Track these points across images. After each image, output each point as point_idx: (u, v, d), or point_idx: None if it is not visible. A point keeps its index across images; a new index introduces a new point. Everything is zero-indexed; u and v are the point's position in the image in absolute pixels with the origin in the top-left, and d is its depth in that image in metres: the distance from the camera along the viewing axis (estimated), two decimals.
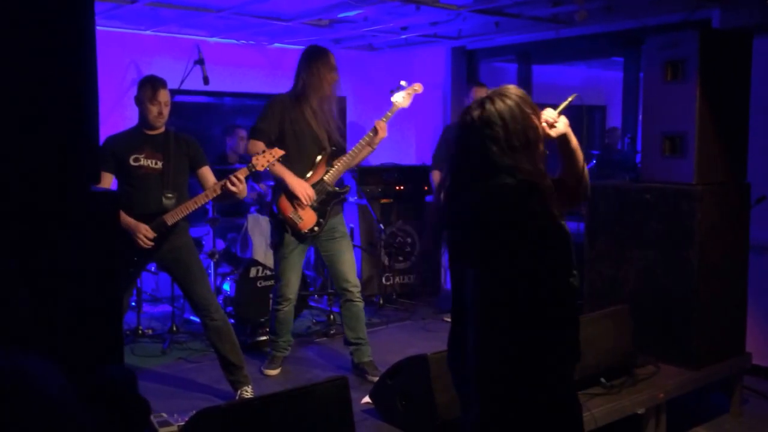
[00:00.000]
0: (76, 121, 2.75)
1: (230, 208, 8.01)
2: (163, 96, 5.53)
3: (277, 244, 6.31)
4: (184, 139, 5.73)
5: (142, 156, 5.51)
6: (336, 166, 6.21)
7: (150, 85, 5.51)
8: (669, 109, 5.94)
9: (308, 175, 6.17)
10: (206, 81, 7.62)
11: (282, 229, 6.18)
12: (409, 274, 9.02)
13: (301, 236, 6.18)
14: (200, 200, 5.54)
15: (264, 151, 5.62)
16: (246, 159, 8.51)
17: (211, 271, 7.49)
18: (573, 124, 3.43)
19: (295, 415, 4.39)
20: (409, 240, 9.03)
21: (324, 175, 6.20)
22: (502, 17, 7.91)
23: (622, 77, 8.66)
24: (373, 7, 7.42)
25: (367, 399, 5.44)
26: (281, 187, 6.13)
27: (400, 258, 9.01)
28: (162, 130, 5.61)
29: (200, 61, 7.67)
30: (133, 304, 7.53)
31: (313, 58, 6.17)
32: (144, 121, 5.56)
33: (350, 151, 6.23)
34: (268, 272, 7.36)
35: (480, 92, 7.43)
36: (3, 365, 1.38)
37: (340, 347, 7.13)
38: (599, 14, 7.53)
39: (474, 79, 9.31)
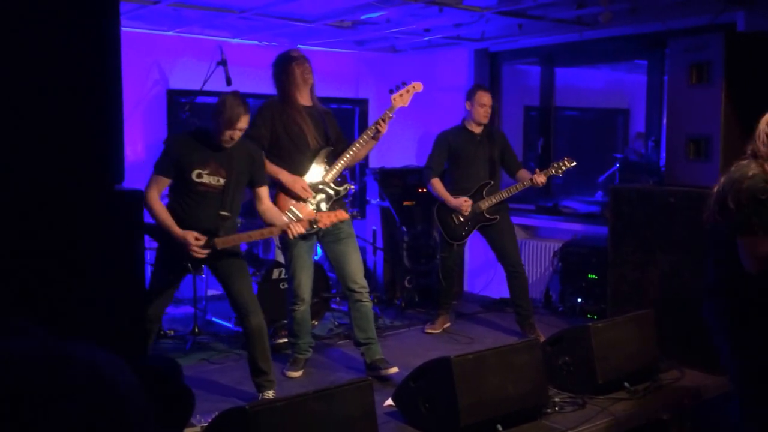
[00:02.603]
0: (101, 121, 2.75)
1: (252, 210, 8.00)
2: (243, 123, 5.34)
3: (283, 244, 6.33)
4: (249, 153, 5.61)
5: (206, 172, 5.38)
6: (336, 165, 6.20)
7: (232, 111, 5.25)
8: (694, 112, 5.91)
9: (307, 174, 6.18)
10: (229, 82, 7.62)
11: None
12: (431, 277, 8.98)
13: (302, 236, 6.11)
14: (254, 236, 5.62)
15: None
16: None
17: None
18: (595, 128, 3.42)
19: (318, 417, 4.38)
20: (431, 242, 9.00)
21: (322, 174, 6.20)
22: (525, 19, 7.89)
23: (645, 80, 8.62)
24: (396, 9, 7.41)
25: (390, 401, 5.43)
26: (278, 186, 6.12)
27: (422, 260, 8.97)
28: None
29: (223, 62, 7.67)
30: None
31: (282, 61, 6.31)
32: (214, 135, 5.37)
33: (349, 150, 6.21)
34: None
35: (484, 96, 7.38)
36: (79, 357, 1.37)
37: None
38: (624, 16, 7.49)
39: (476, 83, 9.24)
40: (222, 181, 5.42)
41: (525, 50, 9.55)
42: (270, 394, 5.62)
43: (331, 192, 6.23)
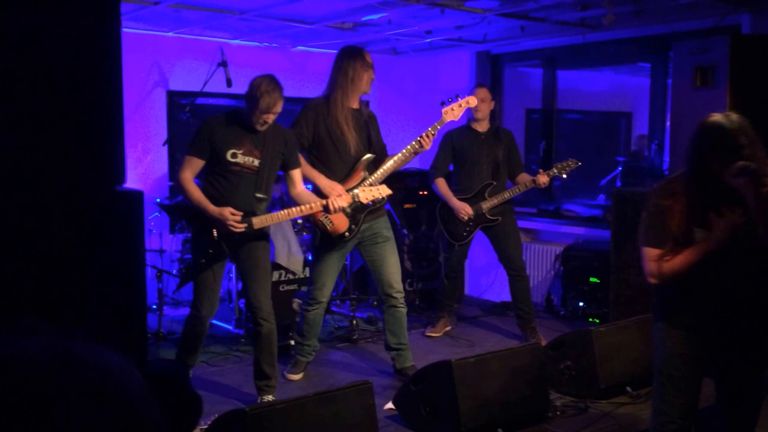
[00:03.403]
0: (102, 122, 2.73)
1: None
2: (279, 107, 5.30)
3: (314, 247, 6.23)
4: (283, 135, 5.57)
5: (240, 152, 5.34)
6: (375, 174, 6.04)
7: (269, 96, 5.20)
8: (698, 115, 5.83)
9: (346, 180, 6.03)
10: (229, 83, 7.60)
11: (315, 232, 6.10)
12: (433, 280, 8.94)
13: (332, 241, 6.04)
14: (293, 213, 5.53)
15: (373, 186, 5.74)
16: None
17: (233, 274, 7.45)
18: (597, 131, 3.42)
19: (318, 420, 4.36)
20: (432, 245, 8.96)
21: (361, 181, 6.03)
22: (527, 21, 7.86)
23: (648, 83, 8.59)
24: (397, 11, 7.38)
25: (390, 405, 5.40)
26: (315, 190, 5.98)
27: (424, 264, 8.93)
28: None
29: (223, 64, 7.65)
30: (154, 307, 7.50)
31: (347, 57, 6.01)
32: (247, 118, 5.33)
33: (392, 160, 6.05)
34: (291, 276, 7.32)
35: (480, 92, 7.34)
36: (90, 361, 1.33)
37: (362, 352, 7.10)
38: (627, 19, 7.47)
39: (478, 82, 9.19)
40: (257, 162, 5.39)
41: (527, 52, 9.52)
42: (270, 398, 5.59)
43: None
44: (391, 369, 6.40)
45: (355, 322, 7.74)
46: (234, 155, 5.33)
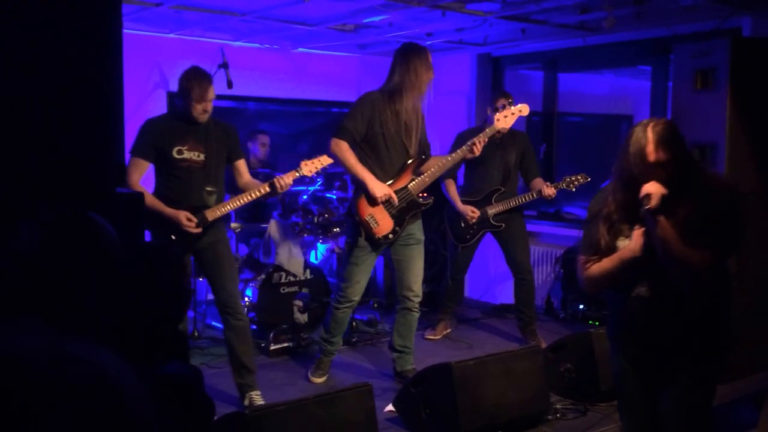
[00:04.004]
0: (103, 124, 2.74)
1: (253, 214, 7.96)
2: (211, 94, 5.38)
3: (351, 246, 6.12)
4: (224, 128, 5.64)
5: (185, 148, 5.40)
6: (422, 176, 6.00)
7: (197, 83, 5.32)
8: (699, 118, 5.87)
9: (390, 181, 5.96)
10: (230, 85, 7.58)
11: (357, 231, 6.01)
12: (433, 283, 8.93)
13: (374, 242, 5.99)
14: (244, 199, 5.52)
15: (313, 158, 5.63)
16: (268, 164, 8.50)
17: None
18: (598, 134, 3.40)
19: (318, 422, 4.35)
20: (432, 248, 8.95)
21: (408, 183, 5.99)
22: (528, 24, 7.86)
23: (649, 86, 8.58)
24: (398, 13, 7.38)
25: (390, 407, 5.40)
26: (362, 189, 5.90)
27: (425, 266, 8.91)
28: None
29: (224, 65, 7.63)
30: None
31: (413, 54, 5.92)
32: (187, 114, 5.38)
33: (439, 163, 6.02)
34: (292, 278, 7.32)
35: (503, 102, 7.24)
36: (85, 359, 1.34)
37: (362, 355, 7.09)
38: (628, 22, 7.46)
39: (500, 89, 9.18)
40: (202, 156, 5.44)
41: (528, 55, 9.52)
42: (255, 395, 5.59)
43: (413, 205, 6.05)
44: (391, 371, 6.39)
45: (355, 324, 7.73)
46: (180, 152, 5.39)
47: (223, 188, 5.62)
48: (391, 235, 5.99)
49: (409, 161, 5.99)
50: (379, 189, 5.83)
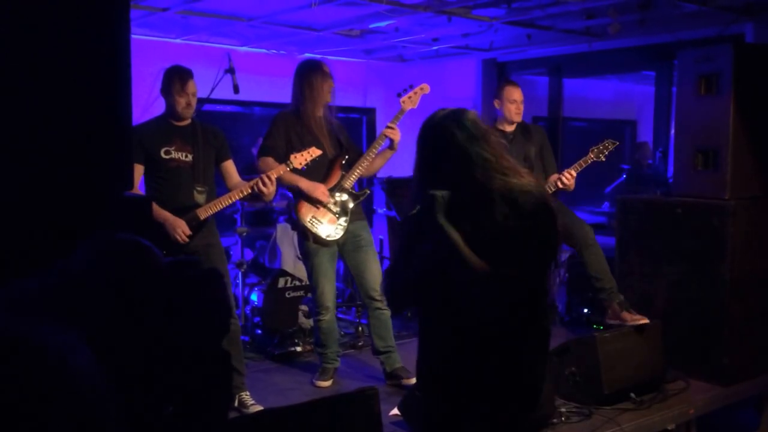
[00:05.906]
0: (111, 128, 2.76)
1: (259, 218, 7.98)
2: (192, 87, 5.50)
3: (304, 253, 6.26)
4: (211, 130, 5.72)
5: (173, 149, 5.46)
6: (353, 171, 6.15)
7: (178, 76, 5.48)
8: (702, 124, 5.89)
9: (325, 181, 6.12)
10: (236, 90, 7.60)
11: (305, 236, 6.12)
12: None
13: (323, 242, 6.10)
14: (233, 196, 5.55)
15: (302, 151, 5.69)
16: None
17: (239, 281, 7.46)
18: (602, 139, 3.42)
19: (323, 426, 4.36)
20: None
21: (340, 180, 6.15)
22: (534, 29, 7.89)
23: (653, 91, 8.62)
24: (404, 18, 7.41)
25: (395, 411, 5.41)
26: (299, 194, 6.07)
27: None
28: (189, 121, 5.59)
29: (231, 70, 7.65)
30: None
31: (305, 70, 6.15)
32: (172, 113, 5.51)
33: (366, 156, 6.17)
34: (297, 283, 7.33)
35: (514, 92, 6.79)
36: (28, 342, 1.37)
37: (368, 358, 7.09)
38: (632, 27, 7.49)
39: (505, 78, 9.14)
40: (190, 156, 5.50)
41: (533, 60, 9.55)
42: (245, 395, 5.64)
43: (350, 197, 6.18)
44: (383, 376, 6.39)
45: (360, 328, 7.74)
46: (167, 152, 5.45)
47: (213, 188, 5.67)
48: (337, 231, 6.10)
49: (335, 160, 6.17)
50: (315, 188, 6.00)
